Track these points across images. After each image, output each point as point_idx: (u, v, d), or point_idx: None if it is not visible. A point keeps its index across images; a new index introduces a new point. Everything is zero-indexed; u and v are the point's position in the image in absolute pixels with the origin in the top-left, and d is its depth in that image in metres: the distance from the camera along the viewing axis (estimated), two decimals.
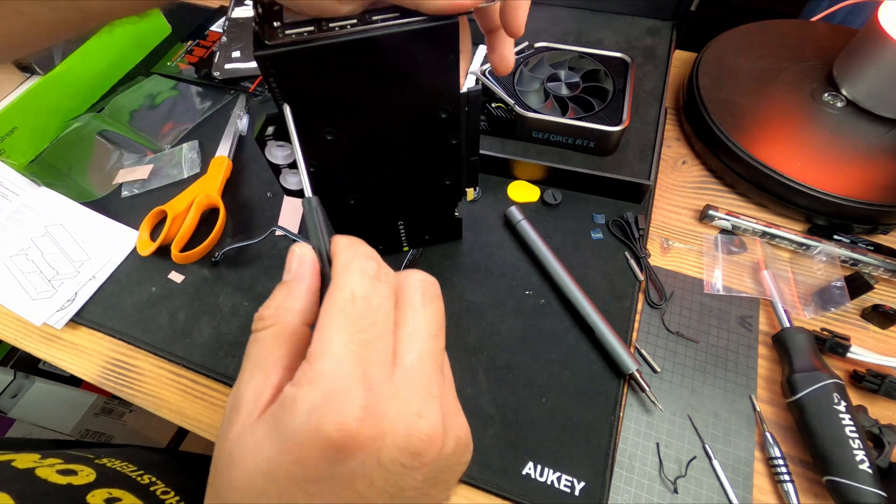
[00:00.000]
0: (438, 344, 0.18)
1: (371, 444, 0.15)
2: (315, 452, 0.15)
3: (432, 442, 0.16)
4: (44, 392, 0.85)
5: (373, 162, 0.33)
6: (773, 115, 0.50)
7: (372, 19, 0.23)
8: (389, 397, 0.16)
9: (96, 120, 0.58)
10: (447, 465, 0.17)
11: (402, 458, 0.16)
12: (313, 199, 0.21)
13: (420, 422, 0.16)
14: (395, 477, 0.16)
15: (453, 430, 0.17)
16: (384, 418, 0.16)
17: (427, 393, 0.17)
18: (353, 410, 0.15)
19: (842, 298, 0.42)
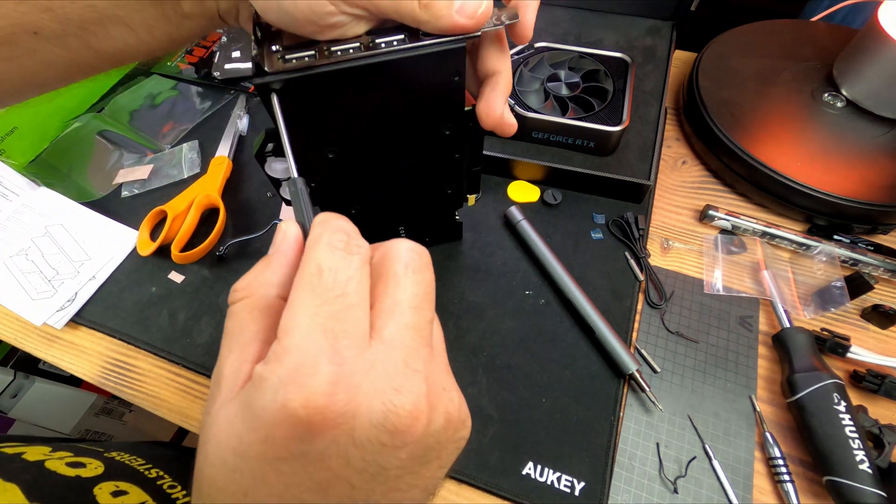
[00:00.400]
0: (422, 316, 0.17)
1: (343, 422, 0.15)
2: (283, 431, 0.14)
3: (414, 419, 0.15)
4: (44, 392, 0.85)
5: (374, 175, 0.33)
6: (773, 115, 0.50)
7: (376, 42, 0.22)
8: (363, 371, 0.15)
9: (96, 120, 0.58)
10: (436, 442, 0.17)
11: (381, 437, 0.15)
12: (299, 181, 0.21)
13: (398, 397, 0.15)
14: (373, 455, 0.15)
15: (441, 405, 0.17)
16: (357, 393, 0.15)
17: (406, 367, 0.16)
18: (319, 385, 0.14)
19: (842, 298, 0.42)
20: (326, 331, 0.15)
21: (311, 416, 0.14)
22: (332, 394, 0.14)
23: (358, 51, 0.22)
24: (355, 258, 0.17)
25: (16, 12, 0.22)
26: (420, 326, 0.17)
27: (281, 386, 0.14)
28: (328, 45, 0.22)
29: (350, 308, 0.16)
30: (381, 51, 0.22)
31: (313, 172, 0.31)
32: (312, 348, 0.15)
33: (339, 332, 0.15)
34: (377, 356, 0.16)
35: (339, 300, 0.16)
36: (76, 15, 0.23)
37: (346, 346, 0.15)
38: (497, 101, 0.25)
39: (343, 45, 0.22)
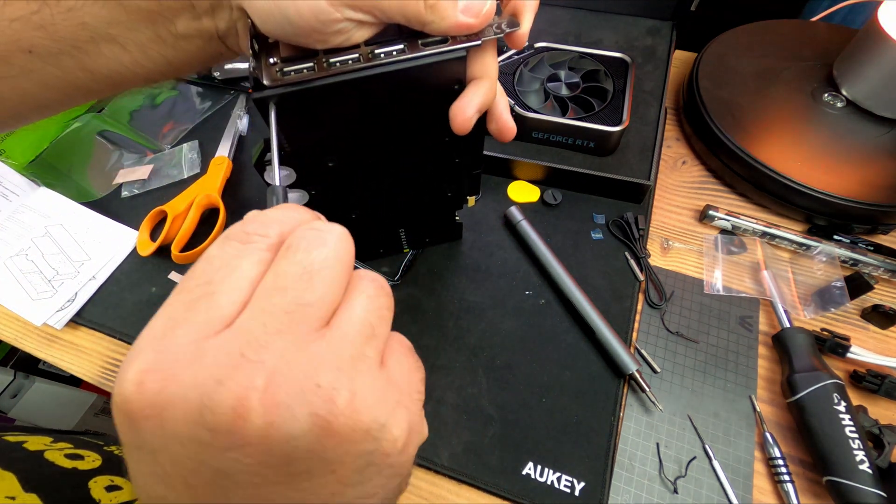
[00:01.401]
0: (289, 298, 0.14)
1: (152, 414, 0.13)
2: (117, 418, 0.14)
3: (238, 416, 0.13)
4: (44, 392, 0.85)
5: (374, 181, 0.33)
6: (773, 115, 0.50)
7: (375, 53, 0.22)
8: (189, 361, 0.14)
9: (96, 120, 0.58)
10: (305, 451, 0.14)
11: (199, 434, 0.13)
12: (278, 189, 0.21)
13: (217, 390, 0.13)
14: (199, 455, 0.13)
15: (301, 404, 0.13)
16: (171, 383, 0.13)
17: (241, 356, 0.13)
18: (132, 373, 0.14)
19: (842, 298, 0.42)
20: (169, 319, 0.14)
21: (122, 405, 0.14)
22: (140, 382, 0.13)
23: (357, 62, 0.22)
24: (247, 247, 0.15)
25: (10, 30, 0.22)
26: (284, 310, 0.14)
27: (118, 374, 0.14)
28: (327, 56, 0.22)
29: (209, 296, 0.15)
30: (381, 62, 0.22)
31: (313, 181, 0.31)
32: (146, 336, 0.14)
33: (182, 320, 0.14)
34: (214, 346, 0.14)
35: (199, 288, 0.15)
36: (68, 33, 0.23)
37: (180, 334, 0.14)
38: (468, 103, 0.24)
39: (342, 57, 0.22)
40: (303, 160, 0.28)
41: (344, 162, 0.29)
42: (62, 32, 0.23)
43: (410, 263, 0.46)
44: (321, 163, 0.29)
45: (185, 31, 0.24)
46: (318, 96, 0.23)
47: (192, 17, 0.23)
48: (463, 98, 0.24)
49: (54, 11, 0.22)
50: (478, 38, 0.22)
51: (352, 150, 0.29)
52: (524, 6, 0.23)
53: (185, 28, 0.24)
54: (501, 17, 0.23)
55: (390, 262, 0.46)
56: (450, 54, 0.22)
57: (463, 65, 0.23)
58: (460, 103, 0.24)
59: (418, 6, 0.20)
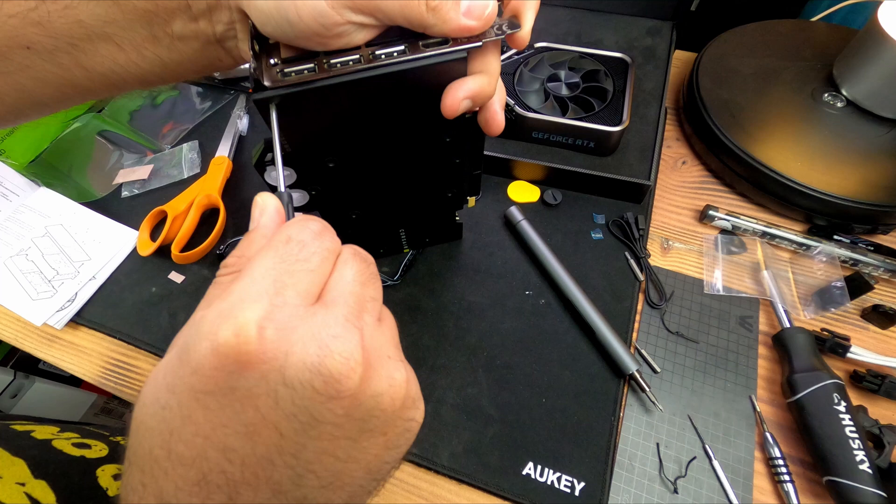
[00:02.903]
0: (366, 291, 0.18)
1: (274, 356, 0.14)
2: (211, 360, 0.14)
3: (349, 368, 0.15)
4: (44, 392, 0.85)
5: (374, 181, 0.33)
6: (773, 115, 0.50)
7: (376, 54, 0.22)
8: (302, 318, 0.15)
9: (96, 120, 0.58)
10: (378, 408, 0.16)
11: (314, 380, 0.14)
12: (284, 195, 0.21)
13: (334, 342, 0.15)
14: (304, 401, 0.14)
15: (383, 369, 0.16)
16: (292, 333, 0.15)
17: (346, 320, 0.16)
18: (252, 317, 0.14)
19: (842, 298, 0.42)
20: (276, 280, 0.16)
21: (239, 346, 0.14)
22: (264, 327, 0.14)
23: (358, 63, 0.22)
24: (328, 240, 0.18)
25: (7, 26, 0.23)
26: (362, 297, 0.17)
27: (216, 318, 0.14)
28: (328, 58, 0.22)
29: (307, 272, 0.16)
30: (382, 63, 0.22)
31: (313, 181, 0.31)
32: (255, 287, 0.15)
33: (289, 283, 0.16)
34: (318, 309, 0.16)
35: (298, 263, 0.16)
36: (65, 30, 0.23)
37: (290, 295, 0.16)
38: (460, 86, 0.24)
39: (343, 58, 0.22)
40: (303, 160, 0.28)
41: (344, 162, 0.29)
42: (59, 30, 0.23)
43: (410, 263, 0.46)
44: (322, 163, 0.29)
45: (181, 33, 0.24)
46: (319, 97, 0.23)
47: (188, 18, 0.23)
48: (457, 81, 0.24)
49: (51, 9, 0.22)
50: (479, 40, 0.22)
51: (352, 151, 0.29)
52: (525, 6, 0.23)
53: (182, 29, 0.24)
54: (502, 17, 0.23)
55: (390, 262, 0.46)
56: (450, 55, 0.22)
57: (464, 66, 0.23)
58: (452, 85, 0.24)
59: (420, 9, 0.20)
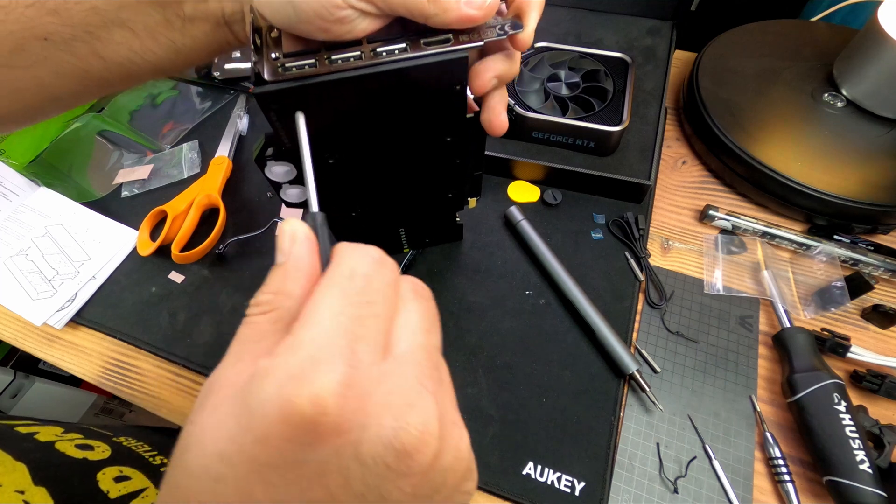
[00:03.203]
0: (431, 340, 0.16)
1: (350, 430, 0.13)
2: (282, 430, 0.13)
3: (424, 442, 0.13)
4: (44, 392, 0.85)
5: (375, 180, 0.33)
6: (773, 115, 0.50)
7: (377, 51, 0.22)
8: (377, 381, 0.14)
9: (96, 120, 0.58)
10: (442, 483, 0.14)
11: (387, 457, 0.13)
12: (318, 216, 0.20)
13: (411, 414, 0.13)
14: (376, 479, 0.13)
15: (452, 438, 0.15)
16: (369, 402, 0.13)
17: (420, 384, 0.14)
18: (331, 384, 0.13)
19: (842, 298, 0.42)
20: (347, 332, 0.14)
21: (317, 417, 0.12)
22: (344, 395, 0.13)
23: (359, 59, 0.22)
24: (388, 272, 0.16)
25: (24, 17, 0.23)
26: (430, 349, 0.16)
27: (288, 379, 0.13)
28: (329, 53, 0.22)
29: (375, 317, 0.15)
30: (383, 60, 0.22)
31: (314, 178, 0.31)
32: (329, 345, 0.14)
33: (360, 335, 0.14)
34: (391, 368, 0.15)
35: (366, 307, 0.15)
36: (81, 18, 0.23)
37: (363, 350, 0.14)
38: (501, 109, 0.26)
39: (344, 54, 0.22)
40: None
41: (344, 159, 0.29)
42: (75, 18, 0.23)
43: (410, 263, 0.46)
44: (321, 159, 0.29)
45: (192, 14, 0.24)
46: (319, 92, 0.23)
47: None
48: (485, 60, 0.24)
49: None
50: (480, 40, 0.22)
51: (352, 148, 0.29)
52: (529, 6, 0.23)
53: (193, 10, 0.24)
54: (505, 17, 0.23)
55: None
56: (451, 55, 0.22)
57: (464, 66, 0.23)
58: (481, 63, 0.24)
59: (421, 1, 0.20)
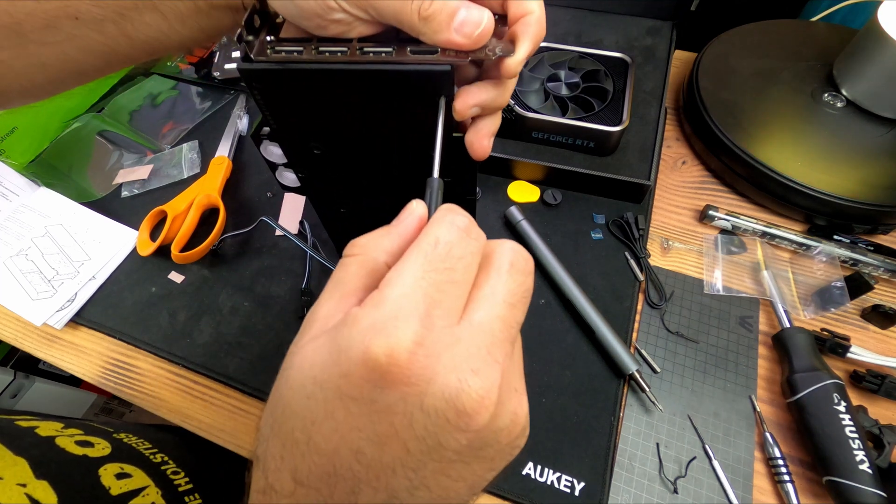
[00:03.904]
0: (513, 314, 0.17)
1: (417, 383, 0.15)
2: (360, 371, 0.15)
3: (482, 406, 0.15)
4: (44, 392, 0.85)
5: (363, 179, 0.33)
6: (773, 115, 0.50)
7: (364, 50, 0.22)
8: (447, 344, 0.16)
9: (96, 120, 0.58)
10: (495, 440, 0.16)
11: (447, 412, 0.15)
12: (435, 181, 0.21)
13: (473, 379, 0.15)
14: (435, 428, 0.15)
15: (510, 403, 0.16)
16: (437, 361, 0.15)
17: (488, 353, 0.16)
18: (405, 340, 0.15)
19: (842, 298, 0.42)
20: (426, 295, 0.16)
21: (390, 366, 0.15)
22: (414, 352, 0.15)
23: (344, 55, 0.22)
24: (472, 242, 0.17)
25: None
26: (509, 322, 0.17)
27: (370, 329, 0.15)
28: (318, 44, 0.23)
29: (454, 283, 0.16)
30: (364, 59, 0.22)
31: (300, 165, 0.31)
32: (408, 304, 0.15)
33: (437, 300, 0.16)
34: (463, 335, 0.16)
35: (446, 272, 0.16)
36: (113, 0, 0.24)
37: (438, 315, 0.16)
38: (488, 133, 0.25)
39: (332, 47, 0.22)
40: (286, 139, 0.29)
41: (330, 152, 0.30)
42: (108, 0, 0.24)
43: None
44: (306, 147, 0.29)
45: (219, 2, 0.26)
46: (301, 79, 0.23)
47: None
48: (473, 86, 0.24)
49: None
50: (466, 57, 0.22)
51: (336, 142, 0.29)
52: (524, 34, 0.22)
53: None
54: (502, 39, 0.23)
55: None
56: (433, 67, 0.22)
57: (447, 79, 0.23)
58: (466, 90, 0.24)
59: (412, 16, 0.20)
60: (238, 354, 0.42)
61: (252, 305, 0.45)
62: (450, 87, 0.24)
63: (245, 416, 0.40)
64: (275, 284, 0.46)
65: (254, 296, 0.45)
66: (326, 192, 0.35)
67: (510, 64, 0.22)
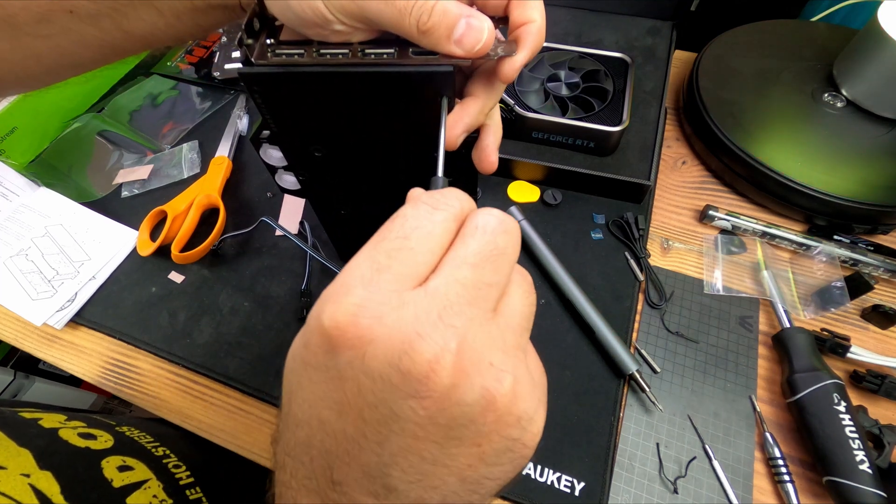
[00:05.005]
0: (479, 275, 0.16)
1: (358, 345, 0.15)
2: (315, 339, 0.16)
3: (431, 370, 0.14)
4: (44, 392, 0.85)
5: (364, 182, 0.33)
6: (773, 115, 0.50)
7: (365, 52, 0.22)
8: (393, 307, 0.15)
9: (96, 120, 0.58)
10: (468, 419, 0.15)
11: (391, 375, 0.15)
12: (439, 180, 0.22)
13: (420, 341, 0.14)
14: (383, 394, 0.15)
15: (478, 376, 0.15)
16: (378, 323, 0.15)
17: (439, 318, 0.15)
18: (346, 305, 0.15)
19: (842, 298, 0.42)
20: (373, 262, 0.16)
21: (331, 330, 0.15)
22: (355, 314, 0.15)
23: (345, 57, 0.22)
24: (437, 213, 0.17)
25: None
26: (473, 284, 0.16)
27: (323, 300, 0.16)
28: (318, 46, 0.22)
29: (407, 251, 0.16)
30: (365, 61, 0.22)
31: (301, 167, 0.31)
32: (356, 272, 0.16)
33: (385, 266, 0.16)
34: (413, 299, 0.15)
35: (398, 241, 0.16)
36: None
37: (386, 279, 0.16)
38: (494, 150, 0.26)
39: (333, 50, 0.22)
40: (288, 142, 0.29)
41: (331, 154, 0.29)
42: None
43: None
44: (307, 149, 0.29)
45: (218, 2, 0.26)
46: (302, 82, 0.23)
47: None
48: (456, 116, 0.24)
49: None
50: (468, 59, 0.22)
51: (338, 144, 0.29)
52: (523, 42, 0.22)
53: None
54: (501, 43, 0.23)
55: None
56: (435, 68, 0.22)
57: (449, 79, 0.23)
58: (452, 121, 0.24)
59: (412, 29, 0.20)
60: (238, 354, 0.42)
61: (252, 305, 0.45)
62: (451, 87, 0.24)
63: (245, 416, 0.40)
64: (275, 285, 0.46)
65: (254, 296, 0.45)
66: (327, 195, 0.35)
67: (506, 70, 0.23)
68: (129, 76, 0.63)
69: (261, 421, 0.40)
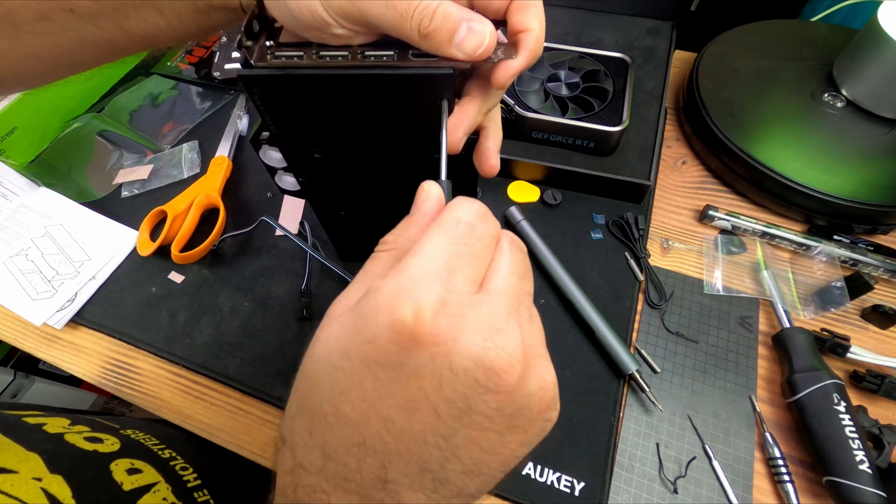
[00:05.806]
0: (522, 283, 0.18)
1: (444, 342, 0.15)
2: (387, 335, 0.15)
3: (510, 364, 0.15)
4: (44, 392, 0.85)
5: (364, 184, 0.33)
6: (772, 116, 0.50)
7: (365, 55, 0.22)
8: (470, 306, 0.16)
9: (96, 120, 0.58)
10: (527, 407, 0.16)
11: (476, 372, 0.15)
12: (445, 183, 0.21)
13: (499, 337, 0.15)
14: (465, 389, 0.15)
15: (538, 368, 0.17)
16: (462, 321, 0.15)
17: (508, 315, 0.16)
18: (430, 300, 0.15)
19: (842, 298, 0.42)
20: (447, 264, 0.16)
21: (416, 327, 0.15)
22: (439, 311, 0.15)
23: (345, 60, 0.22)
24: (491, 225, 0.18)
25: None
26: (521, 290, 0.18)
27: (395, 294, 0.15)
28: (318, 49, 0.22)
29: (473, 257, 0.17)
30: (365, 63, 0.22)
31: (300, 168, 0.31)
32: (431, 269, 0.16)
33: (459, 268, 0.16)
34: (484, 300, 0.16)
35: (467, 247, 0.17)
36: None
37: (459, 280, 0.16)
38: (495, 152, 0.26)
39: (333, 52, 0.22)
40: (288, 144, 0.29)
41: (331, 156, 0.29)
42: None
43: None
44: (307, 151, 0.29)
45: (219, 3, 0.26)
46: (302, 84, 0.23)
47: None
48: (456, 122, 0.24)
49: None
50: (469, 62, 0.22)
51: (337, 146, 0.29)
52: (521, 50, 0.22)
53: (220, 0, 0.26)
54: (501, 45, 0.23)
55: None
56: (435, 70, 0.22)
57: (449, 82, 0.23)
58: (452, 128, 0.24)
59: (412, 33, 0.20)
60: (238, 354, 0.42)
61: (252, 305, 0.45)
62: (451, 89, 0.23)
63: (245, 416, 0.40)
64: (275, 284, 0.46)
65: (254, 296, 0.45)
66: (326, 196, 0.35)
67: (500, 77, 0.23)
68: (129, 76, 0.63)
69: (261, 421, 0.40)
